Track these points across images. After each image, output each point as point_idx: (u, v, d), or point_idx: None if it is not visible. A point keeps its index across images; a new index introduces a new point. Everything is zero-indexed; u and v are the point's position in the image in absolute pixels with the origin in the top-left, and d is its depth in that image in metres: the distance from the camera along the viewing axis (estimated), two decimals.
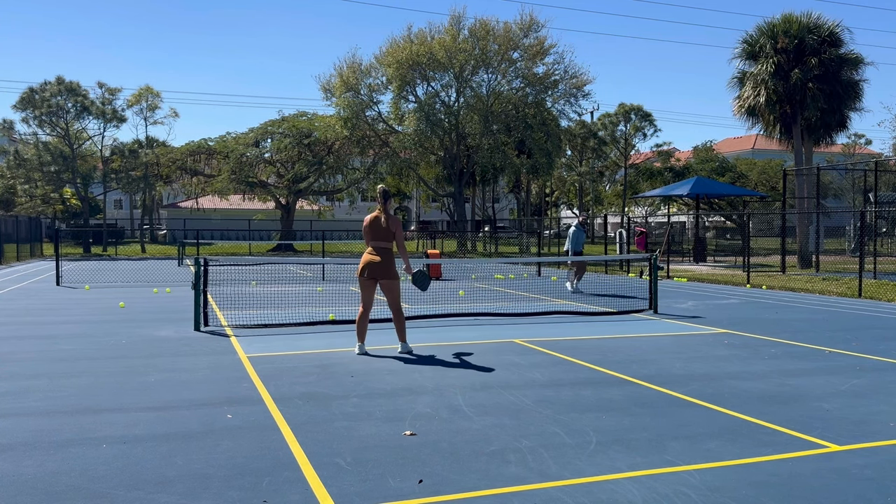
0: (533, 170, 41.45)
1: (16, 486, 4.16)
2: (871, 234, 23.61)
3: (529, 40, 39.08)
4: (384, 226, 8.18)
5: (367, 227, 8.25)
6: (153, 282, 19.38)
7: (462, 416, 5.68)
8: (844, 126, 26.21)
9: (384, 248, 8.19)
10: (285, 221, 46.84)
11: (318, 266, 25.15)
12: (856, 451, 4.83)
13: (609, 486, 4.17)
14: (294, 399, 6.20)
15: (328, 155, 43.78)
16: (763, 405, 6.03)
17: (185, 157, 46.12)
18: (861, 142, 64.35)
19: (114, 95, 44.75)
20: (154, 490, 4.10)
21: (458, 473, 4.38)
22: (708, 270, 23.83)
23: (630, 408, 5.94)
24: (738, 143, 74.71)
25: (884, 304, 14.18)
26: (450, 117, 39.54)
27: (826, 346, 8.98)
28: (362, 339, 8.35)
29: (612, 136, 60.45)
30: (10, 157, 44.07)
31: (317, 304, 13.78)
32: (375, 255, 8.14)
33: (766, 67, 25.06)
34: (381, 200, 8.26)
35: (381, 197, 8.26)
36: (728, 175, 43.38)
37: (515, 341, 9.32)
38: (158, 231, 63.70)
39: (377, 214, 8.24)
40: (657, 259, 12.77)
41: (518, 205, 62.19)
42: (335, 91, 39.86)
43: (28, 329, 10.48)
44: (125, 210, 73.37)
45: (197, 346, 8.95)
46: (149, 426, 5.37)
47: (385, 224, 8.17)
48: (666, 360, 8.02)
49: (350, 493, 4.05)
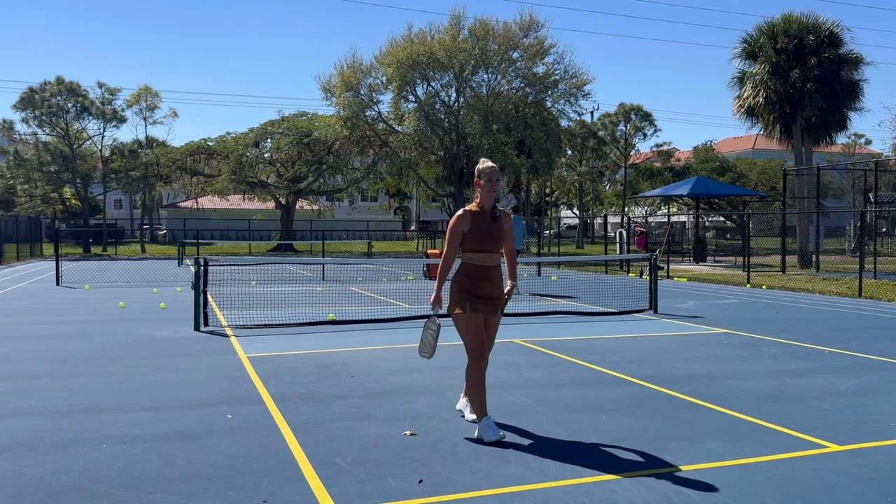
0: (533, 170, 41.44)
1: (16, 486, 4.16)
2: (871, 234, 23.62)
3: (529, 40, 39.05)
4: (499, 224, 5.21)
5: (471, 228, 5.14)
6: (153, 282, 19.38)
7: (462, 415, 5.68)
8: (844, 126, 26.23)
9: (496, 258, 5.26)
10: (285, 221, 46.84)
11: (318, 266, 25.15)
12: (856, 451, 4.83)
13: (609, 486, 4.17)
14: (294, 399, 6.20)
15: (328, 155, 43.76)
16: (763, 405, 6.03)
17: (185, 157, 46.13)
18: (861, 142, 64.35)
19: (113, 95, 44.75)
20: (154, 490, 4.10)
21: (458, 473, 4.38)
22: (708, 270, 23.82)
23: (630, 408, 5.94)
24: (738, 143, 74.71)
25: (884, 304, 14.18)
26: (450, 117, 39.53)
27: (826, 346, 8.98)
28: (482, 408, 5.12)
29: (612, 136, 60.42)
30: (10, 157, 44.05)
31: (317, 304, 13.77)
32: (489, 271, 5.18)
33: (765, 67, 25.07)
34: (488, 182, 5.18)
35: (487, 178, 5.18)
36: (728, 175, 43.36)
37: (515, 341, 9.32)
38: (158, 231, 63.67)
39: (477, 208, 5.21)
40: (657, 259, 12.77)
41: (518, 205, 62.20)
42: (335, 91, 39.83)
43: (28, 329, 10.47)
44: (125, 210, 73.32)
45: (197, 346, 8.94)
46: (149, 426, 5.37)
47: (500, 221, 5.22)
48: (666, 360, 8.02)
49: (350, 493, 4.05)
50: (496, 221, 5.18)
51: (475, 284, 5.15)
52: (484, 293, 5.16)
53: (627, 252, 23.97)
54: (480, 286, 5.16)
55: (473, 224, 5.15)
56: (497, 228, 5.18)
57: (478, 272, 5.16)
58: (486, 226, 5.15)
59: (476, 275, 5.16)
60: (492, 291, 5.19)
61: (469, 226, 5.15)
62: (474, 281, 5.16)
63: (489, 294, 5.18)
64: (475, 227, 5.14)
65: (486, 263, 5.17)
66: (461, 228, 5.15)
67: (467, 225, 5.15)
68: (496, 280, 5.21)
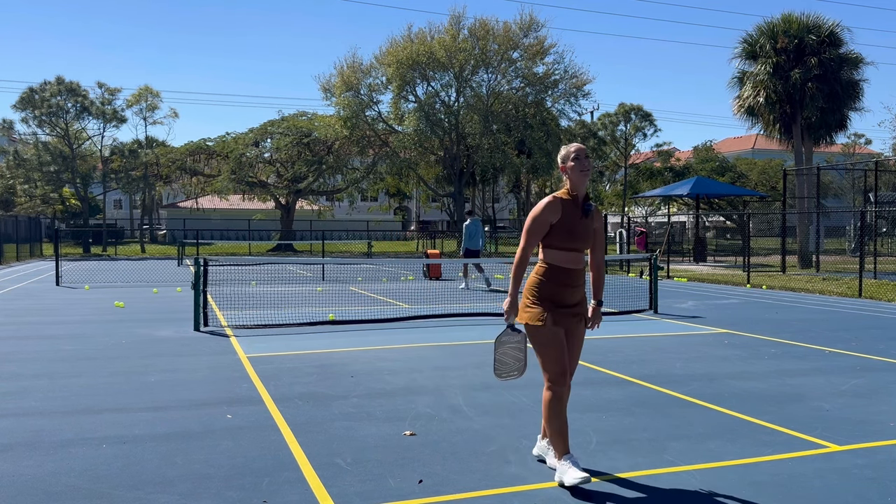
0: (533, 169, 41.48)
1: (15, 486, 4.16)
2: (871, 234, 23.62)
3: (529, 40, 39.08)
4: (591, 222, 4.39)
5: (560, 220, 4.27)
6: (153, 282, 19.38)
7: (462, 416, 5.68)
8: (844, 126, 26.25)
9: (583, 260, 4.44)
10: (285, 221, 46.85)
11: (318, 266, 25.15)
12: (856, 451, 4.83)
13: (609, 486, 4.17)
14: (294, 399, 6.20)
15: (328, 155, 43.77)
16: (763, 405, 6.02)
17: (185, 157, 46.17)
18: (861, 142, 64.33)
19: (113, 95, 44.73)
20: (154, 490, 4.10)
21: (458, 473, 4.38)
22: (708, 270, 23.83)
23: (630, 408, 5.94)
24: (738, 143, 74.69)
25: (884, 304, 14.18)
26: (450, 117, 39.53)
27: (826, 346, 8.98)
28: (565, 444, 4.25)
29: (612, 136, 60.38)
30: (10, 157, 44.05)
31: (317, 304, 13.77)
32: (575, 276, 4.35)
33: (765, 67, 25.08)
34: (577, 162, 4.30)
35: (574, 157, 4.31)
36: (728, 175, 43.36)
37: None
38: (158, 231, 63.67)
39: (568, 196, 4.33)
40: (657, 259, 12.77)
41: (518, 205, 62.19)
42: (335, 91, 39.86)
43: (28, 329, 10.47)
44: (125, 210, 73.31)
45: (197, 346, 8.94)
46: (149, 426, 5.37)
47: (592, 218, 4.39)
48: (666, 360, 8.01)
49: (350, 494, 4.05)
50: (588, 216, 4.32)
51: (557, 291, 4.27)
52: (567, 301, 4.31)
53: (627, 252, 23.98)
54: (563, 293, 4.29)
55: (564, 215, 4.25)
56: (589, 225, 4.33)
57: (562, 276, 4.27)
58: (577, 219, 4.28)
59: (559, 279, 4.27)
60: (575, 298, 4.35)
61: (559, 217, 4.24)
62: (557, 287, 4.27)
63: (572, 301, 4.33)
64: (565, 220, 4.24)
65: (573, 266, 4.29)
66: (549, 219, 4.24)
67: (557, 215, 4.24)
68: (580, 287, 4.37)
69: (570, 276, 4.29)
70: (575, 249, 4.28)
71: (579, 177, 4.26)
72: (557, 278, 4.28)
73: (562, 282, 4.28)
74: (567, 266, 4.28)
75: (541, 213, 4.24)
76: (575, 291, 4.34)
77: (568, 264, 4.27)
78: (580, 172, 4.26)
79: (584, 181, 4.27)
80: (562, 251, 4.27)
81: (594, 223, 4.37)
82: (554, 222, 4.24)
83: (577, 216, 4.27)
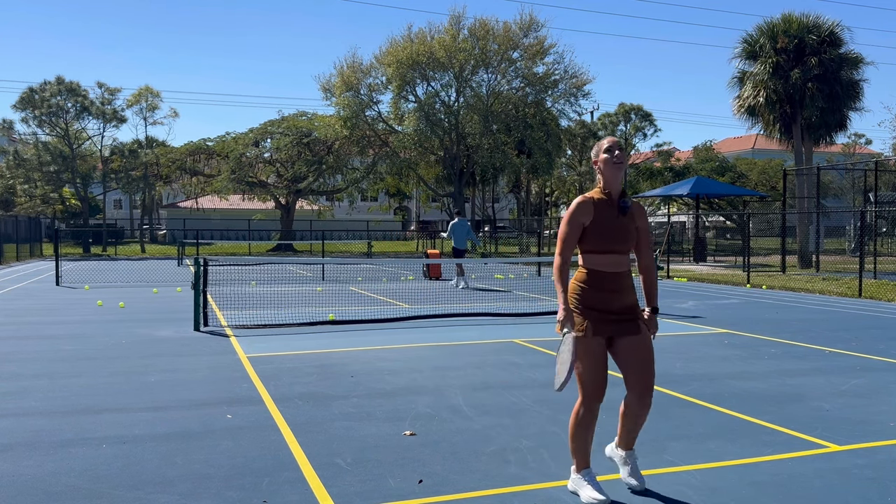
0: (533, 170, 41.47)
1: (15, 486, 4.16)
2: (871, 233, 23.62)
3: (529, 40, 39.06)
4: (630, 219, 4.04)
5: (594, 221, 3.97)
6: (153, 282, 19.38)
7: (462, 416, 5.68)
8: (844, 126, 26.25)
9: (626, 262, 4.05)
10: (285, 221, 46.85)
11: (318, 266, 25.16)
12: (856, 451, 4.83)
13: (609, 486, 4.17)
14: (294, 399, 6.20)
15: (328, 155, 43.78)
16: (763, 405, 6.02)
17: (185, 157, 46.16)
18: (861, 142, 64.35)
19: (113, 95, 44.72)
20: (154, 490, 4.10)
21: (458, 473, 4.38)
22: (708, 270, 23.83)
23: None
24: (738, 143, 74.70)
25: (884, 304, 14.18)
26: (450, 117, 39.53)
27: (826, 346, 8.98)
28: (585, 460, 4.10)
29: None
30: (10, 157, 44.06)
31: (316, 304, 13.77)
32: (617, 280, 3.98)
33: (765, 67, 25.08)
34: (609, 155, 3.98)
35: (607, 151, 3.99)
36: (728, 175, 43.36)
37: (515, 341, 9.32)
38: (158, 231, 63.67)
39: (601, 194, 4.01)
40: (657, 259, 12.77)
41: (518, 205, 62.21)
42: (335, 91, 39.85)
43: (28, 329, 10.47)
44: (125, 210, 73.32)
45: (197, 346, 8.94)
46: (149, 426, 5.37)
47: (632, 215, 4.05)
48: (666, 360, 8.01)
49: (350, 494, 4.05)
50: (626, 214, 3.97)
51: (600, 297, 3.93)
52: (612, 307, 3.94)
53: None
54: (606, 300, 3.93)
55: (598, 216, 3.94)
56: (628, 223, 3.97)
57: (603, 281, 3.93)
58: (614, 219, 3.94)
59: (601, 285, 3.93)
60: (622, 304, 3.96)
61: (592, 218, 3.94)
62: (599, 293, 3.93)
63: (618, 308, 3.95)
64: (599, 221, 3.93)
65: (614, 269, 3.94)
66: (581, 221, 3.94)
67: (589, 216, 3.94)
68: (625, 290, 3.96)
69: (612, 280, 3.94)
70: (615, 252, 3.94)
71: (612, 171, 3.94)
72: (599, 284, 3.94)
73: (604, 287, 3.94)
74: (608, 270, 3.94)
75: (571, 216, 3.96)
76: (620, 296, 3.95)
77: (608, 268, 3.94)
78: (613, 166, 3.94)
79: (617, 176, 3.94)
80: (600, 255, 3.94)
81: (635, 221, 4.01)
82: (587, 224, 3.94)
83: (614, 215, 3.95)
